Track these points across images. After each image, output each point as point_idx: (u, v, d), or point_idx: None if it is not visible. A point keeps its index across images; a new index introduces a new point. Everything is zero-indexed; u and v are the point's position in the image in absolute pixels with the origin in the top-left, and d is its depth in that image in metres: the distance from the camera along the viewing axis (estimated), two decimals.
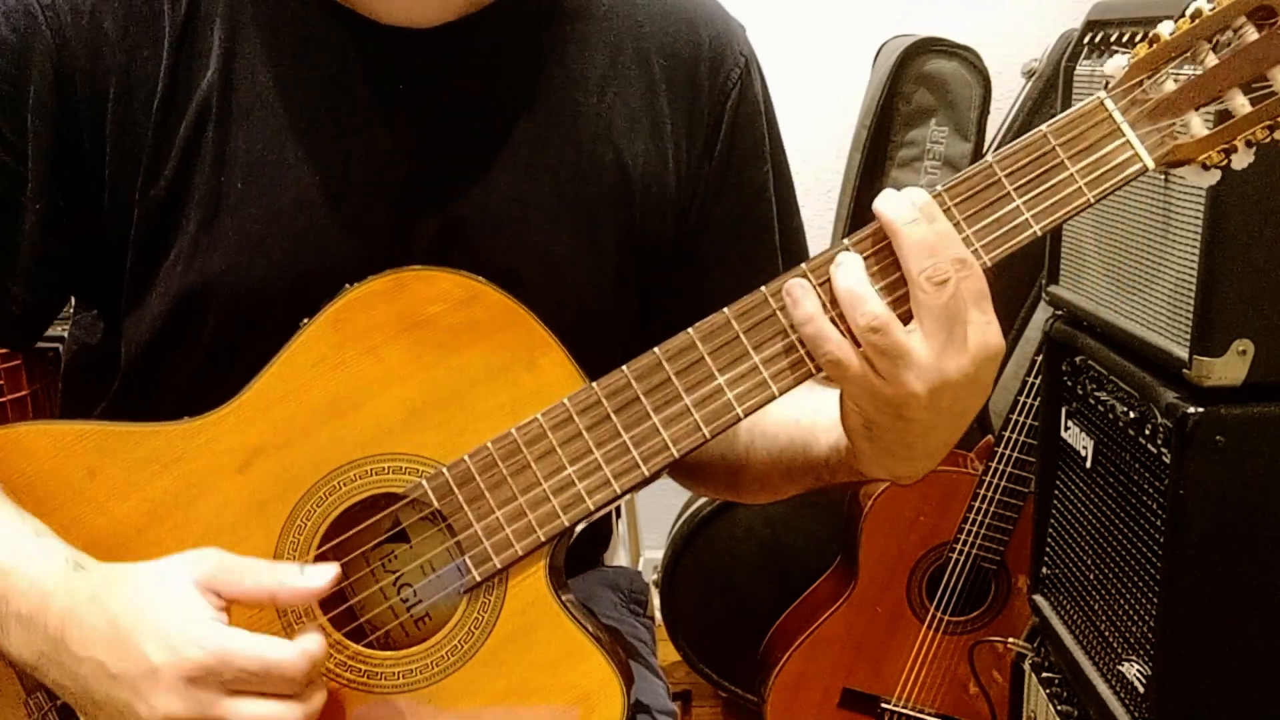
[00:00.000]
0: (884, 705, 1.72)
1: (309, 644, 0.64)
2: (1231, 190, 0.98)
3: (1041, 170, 0.64)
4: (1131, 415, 1.11)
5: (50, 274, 0.76)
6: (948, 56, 1.86)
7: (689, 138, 0.82)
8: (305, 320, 0.70)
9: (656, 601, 2.05)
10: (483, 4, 0.76)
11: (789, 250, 0.87)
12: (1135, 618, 1.12)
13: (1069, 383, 1.27)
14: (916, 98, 1.88)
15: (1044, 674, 1.36)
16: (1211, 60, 0.63)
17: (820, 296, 0.64)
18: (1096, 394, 1.19)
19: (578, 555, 0.91)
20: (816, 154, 2.24)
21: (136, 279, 0.76)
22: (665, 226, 0.82)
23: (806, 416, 0.78)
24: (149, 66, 0.73)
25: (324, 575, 0.66)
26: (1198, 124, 0.64)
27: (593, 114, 0.79)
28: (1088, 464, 1.23)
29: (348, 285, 0.70)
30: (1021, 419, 1.53)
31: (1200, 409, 1.01)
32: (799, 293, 0.64)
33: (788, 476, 0.80)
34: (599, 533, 0.99)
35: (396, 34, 0.75)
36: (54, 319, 0.81)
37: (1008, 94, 2.00)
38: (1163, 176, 1.08)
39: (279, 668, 0.62)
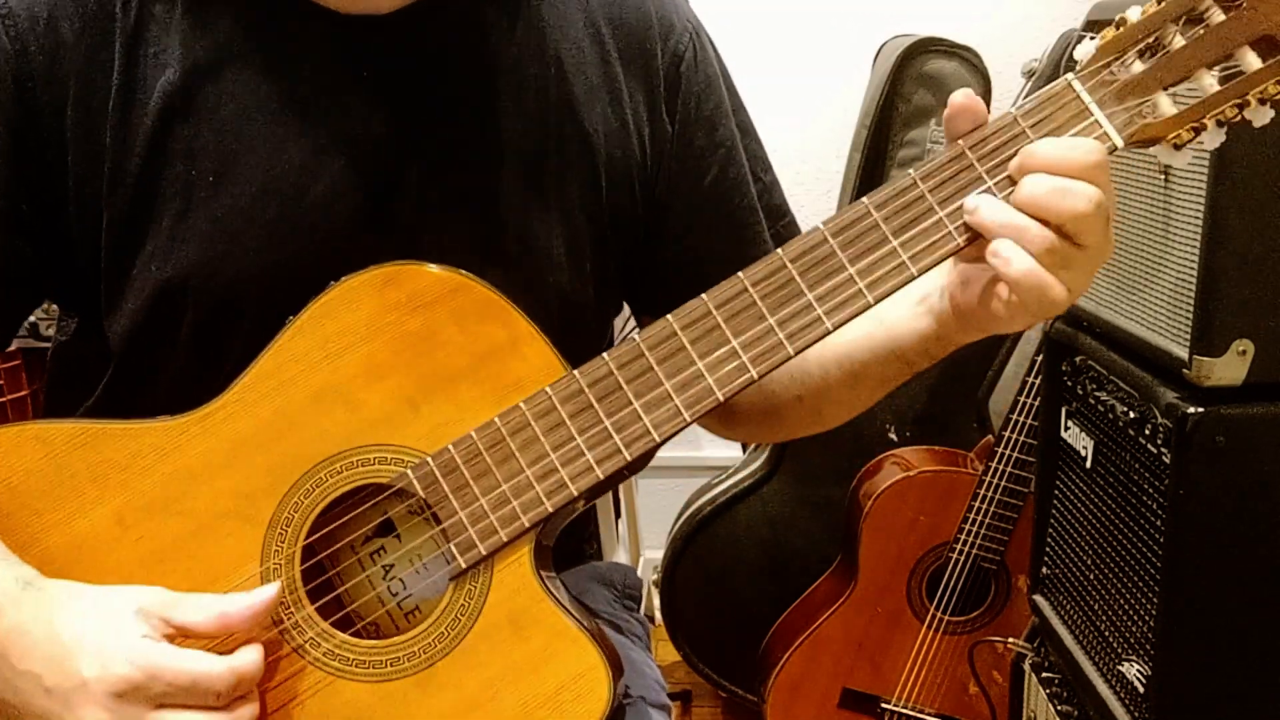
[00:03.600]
0: (884, 705, 1.71)
1: (238, 660, 0.66)
2: (1231, 190, 0.98)
3: (1012, 152, 0.65)
4: (1131, 415, 1.10)
5: (18, 275, 0.77)
6: (948, 56, 1.86)
7: (647, 104, 0.83)
8: (291, 317, 0.70)
9: (656, 601, 2.05)
10: None
11: (768, 205, 0.88)
12: (1135, 618, 1.11)
13: (1069, 383, 1.27)
14: (916, 98, 1.88)
15: (1044, 674, 1.35)
16: (1179, 42, 0.64)
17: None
18: (1096, 394, 1.19)
19: (563, 551, 0.91)
20: (816, 154, 2.25)
21: (112, 277, 0.77)
22: (633, 193, 0.83)
23: (878, 326, 0.77)
24: (104, 68, 0.74)
25: (268, 590, 0.68)
26: (1166, 103, 0.65)
27: (552, 88, 0.80)
28: (1088, 464, 1.22)
29: (332, 282, 0.70)
30: (1021, 419, 1.53)
31: (1200, 409, 1.01)
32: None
33: (881, 383, 0.80)
34: (584, 526, 0.99)
35: (356, 22, 0.76)
36: (24, 320, 0.82)
37: (1008, 94, 2.01)
38: (1163, 177, 1.08)
39: (206, 681, 0.64)
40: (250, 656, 0.66)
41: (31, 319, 1.82)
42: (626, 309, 0.92)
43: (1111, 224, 0.65)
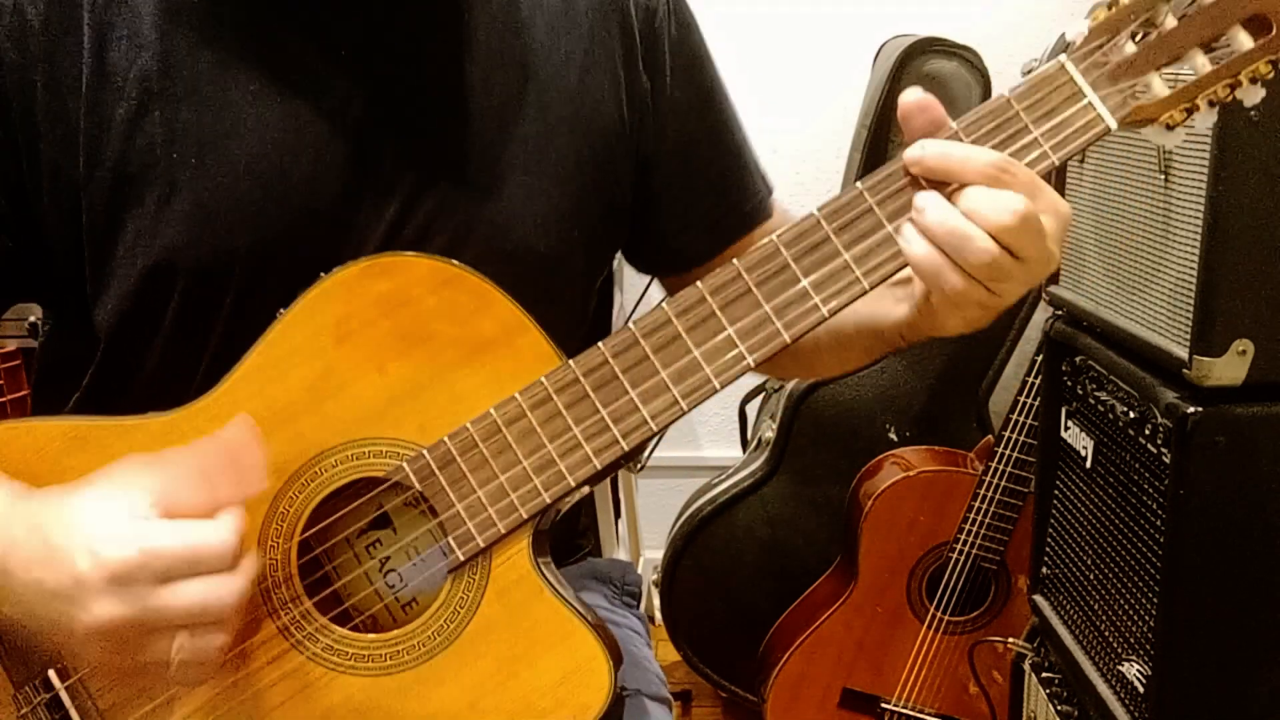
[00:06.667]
0: (884, 705, 1.71)
1: (231, 518, 0.63)
2: (1231, 190, 0.98)
3: (1006, 135, 0.65)
4: (1131, 415, 1.10)
5: None
6: (948, 56, 1.86)
7: (625, 62, 0.84)
8: (281, 310, 0.70)
9: (656, 601, 2.05)
10: None
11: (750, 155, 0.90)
12: (1135, 618, 1.11)
13: (1069, 383, 1.26)
14: None
15: (1044, 674, 1.35)
16: (1170, 22, 0.64)
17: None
18: (1096, 394, 1.19)
19: (556, 546, 0.91)
20: (816, 154, 2.25)
21: (97, 264, 0.76)
22: (614, 153, 0.84)
23: (862, 303, 0.76)
24: (72, 51, 0.74)
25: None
26: (1159, 84, 0.65)
27: (534, 54, 0.81)
28: (1088, 464, 1.22)
29: (323, 274, 0.70)
30: (1021, 419, 1.52)
31: (1200, 409, 1.01)
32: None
33: (866, 353, 0.82)
34: (576, 519, 0.99)
35: None
36: (2, 314, 0.81)
37: None
38: (1163, 177, 1.08)
39: (207, 549, 0.62)
40: (238, 513, 0.64)
41: (31, 319, 1.82)
42: (619, 301, 0.93)
43: (1055, 239, 0.64)
